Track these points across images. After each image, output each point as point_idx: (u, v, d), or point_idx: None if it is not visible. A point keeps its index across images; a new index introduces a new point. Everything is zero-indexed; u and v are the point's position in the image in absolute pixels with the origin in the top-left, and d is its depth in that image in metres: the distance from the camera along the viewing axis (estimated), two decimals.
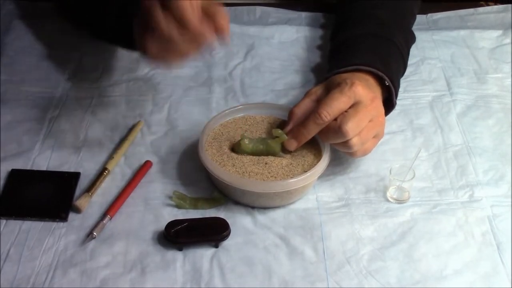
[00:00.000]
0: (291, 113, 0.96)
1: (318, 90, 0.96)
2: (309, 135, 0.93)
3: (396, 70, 1.04)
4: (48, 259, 0.86)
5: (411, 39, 1.14)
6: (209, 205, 0.94)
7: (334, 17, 1.24)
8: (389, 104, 1.00)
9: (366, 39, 1.06)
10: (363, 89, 0.91)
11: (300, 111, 0.95)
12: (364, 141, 0.92)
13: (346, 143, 0.91)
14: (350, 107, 0.90)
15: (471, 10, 1.32)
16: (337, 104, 0.90)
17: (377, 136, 0.95)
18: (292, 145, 0.94)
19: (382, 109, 0.94)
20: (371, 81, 0.98)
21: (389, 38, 1.06)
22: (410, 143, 1.05)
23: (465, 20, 1.30)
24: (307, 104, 0.95)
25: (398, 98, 1.03)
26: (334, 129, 0.90)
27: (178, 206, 0.93)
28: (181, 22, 0.80)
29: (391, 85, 0.99)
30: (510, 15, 1.30)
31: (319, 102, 0.92)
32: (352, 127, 0.89)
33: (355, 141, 0.90)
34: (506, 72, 1.19)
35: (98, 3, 1.03)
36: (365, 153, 0.95)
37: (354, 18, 1.11)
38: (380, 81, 0.98)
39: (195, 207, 0.93)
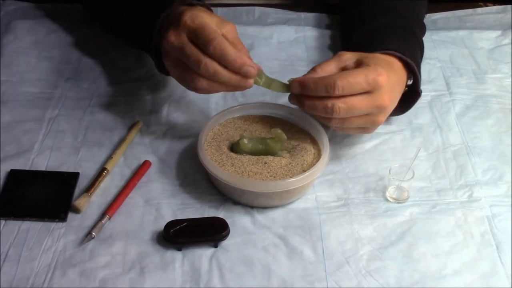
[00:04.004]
0: (313, 69, 0.93)
1: (349, 59, 0.93)
2: (313, 92, 0.89)
3: (419, 61, 1.04)
4: (47, 259, 0.86)
5: (425, 31, 1.14)
6: (282, 88, 0.93)
7: (336, 17, 1.25)
8: (414, 93, 1.00)
9: (391, 30, 1.06)
10: (385, 84, 0.90)
11: (322, 72, 0.92)
12: (346, 126, 0.92)
13: (327, 117, 0.91)
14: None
15: (470, 11, 1.32)
16: (355, 85, 0.88)
17: (365, 130, 0.95)
18: (296, 88, 0.91)
19: (386, 111, 0.93)
20: (401, 72, 0.97)
21: (410, 29, 1.06)
22: (409, 142, 1.05)
23: (464, 21, 1.30)
24: (332, 68, 0.92)
25: None
26: (326, 105, 0.89)
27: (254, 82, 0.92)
28: (223, 61, 0.88)
29: (418, 73, 0.98)
30: (509, 15, 1.30)
31: (342, 72, 0.91)
32: (342, 110, 0.89)
33: (335, 121, 0.91)
34: (505, 72, 1.19)
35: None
36: (343, 131, 0.95)
37: (372, 12, 1.11)
38: (407, 71, 0.98)
39: (268, 86, 0.93)
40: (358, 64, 0.93)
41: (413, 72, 0.99)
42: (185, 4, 0.98)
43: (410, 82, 0.99)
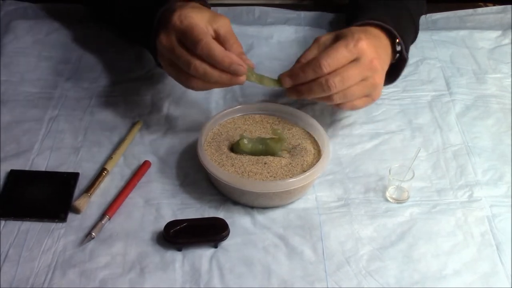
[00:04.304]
0: (297, 61, 0.95)
1: (327, 40, 0.95)
2: (304, 79, 0.92)
3: (406, 28, 1.06)
4: (47, 259, 0.86)
5: (422, 8, 1.16)
6: (274, 83, 0.95)
7: (335, 16, 1.26)
8: (401, 60, 1.01)
9: (380, 3, 1.07)
10: (367, 47, 0.92)
11: (305, 60, 0.94)
12: (349, 98, 0.93)
13: (328, 97, 0.92)
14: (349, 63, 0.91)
15: (470, 11, 1.32)
16: (339, 57, 0.90)
17: (370, 96, 0.96)
18: (286, 81, 0.93)
19: (380, 71, 0.94)
20: (382, 37, 0.99)
21: (401, 3, 1.08)
22: (409, 142, 1.05)
23: (464, 21, 1.30)
24: (313, 53, 0.95)
25: (396, 98, 1.05)
26: (320, 82, 0.90)
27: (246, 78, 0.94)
28: (211, 62, 0.90)
29: (400, 39, 0.99)
30: (509, 15, 1.30)
31: (323, 51, 0.92)
32: (337, 82, 0.90)
33: (336, 97, 0.92)
34: (505, 72, 1.19)
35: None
36: (353, 108, 0.96)
37: None
38: (390, 38, 0.99)
39: (260, 82, 0.95)
40: (336, 41, 0.94)
41: (395, 37, 0.99)
42: None
43: (399, 48, 1.00)
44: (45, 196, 0.94)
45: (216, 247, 0.88)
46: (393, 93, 1.12)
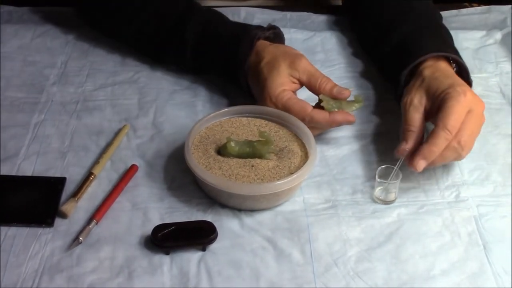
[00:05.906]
0: (407, 132, 0.95)
1: (421, 100, 0.97)
2: (438, 151, 0.91)
3: (451, 43, 1.11)
4: (34, 265, 0.86)
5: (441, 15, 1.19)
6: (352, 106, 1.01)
7: (321, 18, 1.27)
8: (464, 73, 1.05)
9: (423, 32, 1.09)
10: (473, 97, 0.94)
11: (417, 129, 0.95)
12: (471, 147, 0.95)
13: (458, 155, 0.93)
14: None
15: (454, 11, 1.32)
16: (459, 116, 0.92)
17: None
18: (421, 165, 0.91)
19: (483, 112, 0.97)
20: (448, 67, 1.02)
21: (435, 23, 1.13)
22: (396, 144, 1.04)
23: (449, 21, 1.30)
24: (419, 119, 0.96)
25: (383, 99, 1.05)
26: (453, 147, 0.92)
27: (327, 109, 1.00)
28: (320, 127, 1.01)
29: (466, 66, 1.04)
30: (493, 15, 1.31)
31: (439, 116, 0.92)
32: (469, 140, 0.93)
33: (466, 151, 0.94)
34: (490, 72, 1.19)
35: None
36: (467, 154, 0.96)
37: (393, 18, 1.14)
38: (447, 60, 1.03)
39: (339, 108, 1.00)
40: (431, 97, 0.96)
41: (457, 62, 1.04)
42: (263, 37, 1.08)
43: (456, 69, 1.04)
44: (32, 201, 0.94)
45: (204, 250, 0.88)
46: (380, 94, 1.13)
